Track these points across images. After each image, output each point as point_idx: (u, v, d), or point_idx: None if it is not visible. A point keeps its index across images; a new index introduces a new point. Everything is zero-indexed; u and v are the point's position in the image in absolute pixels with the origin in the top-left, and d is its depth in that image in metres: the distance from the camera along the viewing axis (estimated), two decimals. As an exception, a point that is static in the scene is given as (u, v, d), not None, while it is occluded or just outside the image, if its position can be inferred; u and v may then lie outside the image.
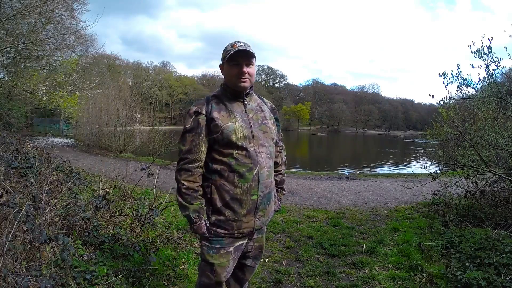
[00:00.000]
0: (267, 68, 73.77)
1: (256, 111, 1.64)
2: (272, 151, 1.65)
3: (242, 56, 1.53)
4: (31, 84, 10.04)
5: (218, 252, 1.57)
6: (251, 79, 1.58)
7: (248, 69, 1.55)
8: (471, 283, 2.29)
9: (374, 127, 72.73)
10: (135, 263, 2.41)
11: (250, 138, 1.54)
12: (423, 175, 5.63)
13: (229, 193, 1.52)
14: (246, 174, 1.51)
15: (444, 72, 3.68)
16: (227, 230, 1.55)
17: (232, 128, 1.52)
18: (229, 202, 1.52)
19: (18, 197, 2.37)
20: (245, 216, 1.55)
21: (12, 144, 5.02)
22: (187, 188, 1.51)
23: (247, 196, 1.53)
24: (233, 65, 1.54)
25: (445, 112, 5.37)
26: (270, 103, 1.81)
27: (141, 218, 3.03)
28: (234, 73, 1.54)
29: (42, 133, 19.69)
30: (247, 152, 1.52)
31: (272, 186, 1.64)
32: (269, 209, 1.63)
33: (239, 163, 1.51)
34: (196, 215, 1.51)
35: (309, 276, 2.69)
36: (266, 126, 1.63)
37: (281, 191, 1.91)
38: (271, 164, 1.63)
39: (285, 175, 1.95)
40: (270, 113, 1.72)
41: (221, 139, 1.51)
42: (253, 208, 1.56)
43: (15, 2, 9.21)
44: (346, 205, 5.29)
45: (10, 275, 1.54)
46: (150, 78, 51.45)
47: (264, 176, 1.56)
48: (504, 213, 3.67)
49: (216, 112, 1.54)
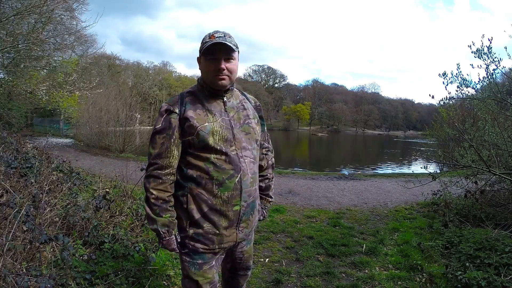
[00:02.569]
0: (267, 68, 73.96)
1: (237, 109, 1.45)
2: (256, 154, 1.47)
3: (221, 50, 1.32)
4: (31, 84, 10.05)
5: (202, 268, 1.41)
6: (231, 76, 1.38)
7: (228, 65, 1.35)
8: (471, 283, 2.29)
9: (374, 127, 72.69)
10: (135, 263, 2.41)
11: (231, 141, 1.36)
12: (423, 175, 5.63)
13: (207, 203, 1.34)
14: (226, 182, 1.33)
15: (444, 72, 3.68)
16: (207, 245, 1.38)
17: (209, 130, 1.33)
18: (208, 213, 1.35)
19: (18, 197, 2.37)
20: (226, 229, 1.38)
21: (12, 144, 5.03)
22: (156, 198, 1.33)
23: (228, 207, 1.35)
24: (210, 59, 1.34)
25: (445, 112, 5.37)
26: (254, 99, 1.62)
27: (141, 218, 3.03)
28: (211, 69, 1.35)
29: (42, 133, 19.68)
30: (227, 157, 1.34)
31: (256, 194, 1.47)
32: (252, 219, 1.46)
33: (218, 169, 1.33)
34: (165, 230, 1.34)
35: (309, 276, 2.69)
36: (249, 126, 1.45)
37: (267, 199, 1.70)
38: (255, 169, 1.45)
39: (273, 180, 1.72)
40: (254, 111, 1.54)
41: (197, 142, 1.33)
42: (236, 220, 1.39)
43: (15, 2, 9.22)
44: (346, 205, 5.29)
45: (10, 275, 1.54)
46: (150, 78, 51.38)
47: (248, 184, 1.38)
48: (504, 213, 3.67)
49: (191, 110, 1.36)
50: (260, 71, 73.63)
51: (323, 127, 69.66)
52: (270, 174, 1.70)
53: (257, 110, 1.58)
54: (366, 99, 74.38)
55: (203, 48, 1.34)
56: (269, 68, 74.17)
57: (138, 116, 16.54)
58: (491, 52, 3.42)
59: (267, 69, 73.77)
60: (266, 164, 1.66)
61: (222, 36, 1.34)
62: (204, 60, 1.37)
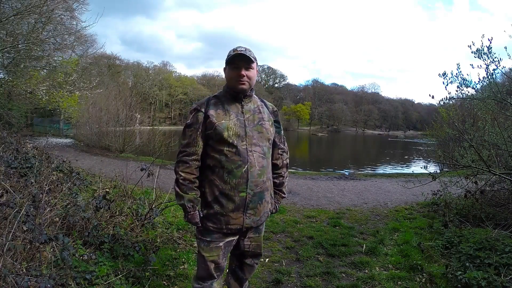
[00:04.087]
0: (267, 68, 73.96)
1: (254, 112, 1.70)
2: (267, 151, 1.69)
3: (241, 60, 1.62)
4: (31, 84, 10.05)
5: (209, 245, 1.65)
6: (250, 82, 1.66)
7: (247, 73, 1.63)
8: (471, 283, 2.29)
9: (374, 127, 72.73)
10: (135, 263, 2.41)
11: (242, 137, 1.61)
12: (423, 175, 5.63)
13: (218, 188, 1.60)
14: (234, 171, 1.57)
15: (444, 72, 3.69)
16: (216, 224, 1.62)
17: (225, 126, 1.59)
18: (218, 196, 1.60)
19: (18, 197, 2.37)
20: (232, 211, 1.60)
21: (12, 144, 5.03)
22: (184, 179, 1.60)
23: (235, 192, 1.58)
24: (233, 68, 1.64)
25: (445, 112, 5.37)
26: (272, 105, 1.86)
27: (141, 218, 3.03)
28: (234, 76, 1.63)
29: (42, 133, 19.68)
30: (237, 150, 1.58)
31: (265, 186, 1.67)
32: (261, 208, 1.67)
33: (229, 160, 1.58)
34: (191, 205, 1.59)
35: (309, 276, 2.69)
36: (262, 126, 1.68)
37: (280, 194, 1.90)
38: (264, 164, 1.66)
39: (287, 178, 1.93)
40: (270, 115, 1.77)
41: (214, 135, 1.60)
42: (242, 205, 1.61)
43: (15, 2, 9.22)
44: (346, 205, 5.29)
45: (10, 275, 1.54)
46: (150, 78, 51.42)
47: (255, 175, 1.60)
48: (504, 213, 3.67)
49: (212, 110, 1.64)
50: (260, 71, 72.56)
51: (323, 127, 69.67)
52: (285, 173, 1.91)
53: (274, 115, 1.82)
54: (366, 99, 74.44)
55: (228, 59, 1.64)
56: (269, 68, 74.29)
57: (138, 116, 16.54)
58: (491, 52, 3.42)
59: (267, 69, 73.83)
60: (282, 163, 1.87)
61: (243, 50, 1.62)
62: (228, 68, 1.66)
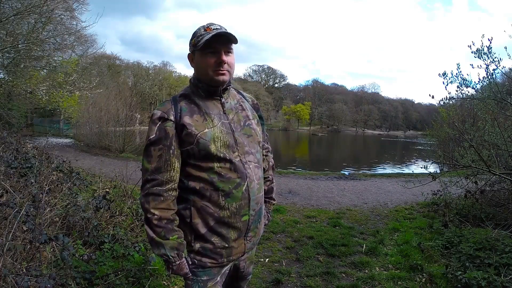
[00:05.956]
0: (267, 68, 73.98)
1: (236, 110, 1.32)
2: (259, 158, 1.35)
3: (221, 42, 1.20)
4: (31, 84, 10.05)
5: (206, 285, 1.28)
6: (231, 70, 1.25)
7: (228, 58, 1.22)
8: (471, 283, 2.29)
9: (374, 127, 72.67)
10: (135, 263, 2.41)
11: (233, 146, 1.23)
12: (423, 175, 5.63)
13: (214, 216, 1.21)
14: (233, 192, 1.21)
15: (444, 72, 3.69)
16: (215, 260, 1.26)
17: (210, 136, 1.20)
18: (215, 227, 1.22)
19: (18, 197, 2.37)
20: (235, 241, 1.27)
21: (12, 144, 5.03)
22: (160, 218, 1.17)
23: (237, 218, 1.24)
24: (209, 53, 1.20)
25: (445, 112, 5.38)
26: (251, 97, 1.48)
27: (141, 218, 3.03)
28: (211, 63, 1.20)
29: (42, 133, 19.67)
30: (232, 165, 1.21)
31: (262, 200, 1.37)
32: (260, 227, 1.37)
33: (223, 179, 1.20)
34: (175, 253, 1.18)
35: (309, 276, 2.69)
36: (250, 128, 1.32)
37: (270, 201, 1.59)
38: (260, 174, 1.34)
39: (274, 181, 1.62)
40: (253, 111, 1.41)
41: (197, 151, 1.19)
42: (244, 230, 1.28)
43: (15, 2, 9.22)
44: (346, 205, 5.29)
45: (10, 275, 1.54)
46: (150, 78, 51.37)
47: (255, 191, 1.27)
48: (504, 213, 3.67)
49: (187, 116, 1.21)
50: (260, 71, 73.62)
51: (323, 127, 69.64)
52: (272, 177, 1.60)
53: (255, 109, 1.44)
54: (366, 99, 74.36)
55: (200, 42, 1.19)
56: (269, 68, 74.29)
57: (138, 116, 16.57)
58: (491, 52, 3.42)
59: (267, 69, 73.88)
60: (268, 165, 1.56)
61: (219, 28, 1.21)
62: (201, 54, 1.22)
